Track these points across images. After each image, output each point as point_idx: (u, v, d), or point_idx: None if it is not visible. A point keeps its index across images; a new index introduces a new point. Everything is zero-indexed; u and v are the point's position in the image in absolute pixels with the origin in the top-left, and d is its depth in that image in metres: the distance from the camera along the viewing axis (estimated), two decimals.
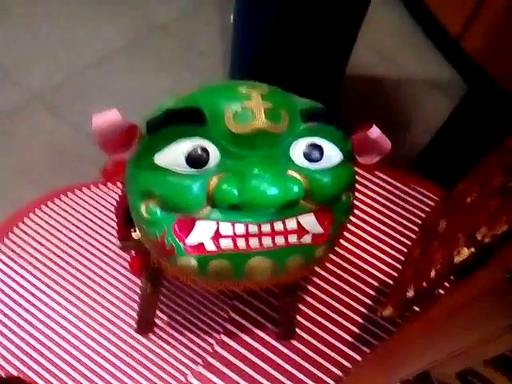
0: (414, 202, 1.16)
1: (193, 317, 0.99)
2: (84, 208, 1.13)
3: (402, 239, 1.10)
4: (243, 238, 0.61)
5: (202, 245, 0.61)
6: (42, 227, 1.09)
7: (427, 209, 1.10)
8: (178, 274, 0.70)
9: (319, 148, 0.62)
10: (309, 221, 0.63)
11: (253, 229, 0.61)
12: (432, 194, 1.16)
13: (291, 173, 0.60)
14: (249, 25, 1.15)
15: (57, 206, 1.13)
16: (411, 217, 1.15)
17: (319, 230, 0.64)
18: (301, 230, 0.63)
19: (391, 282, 1.02)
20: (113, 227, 1.10)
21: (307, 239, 0.63)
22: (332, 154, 0.63)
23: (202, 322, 0.98)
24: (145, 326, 0.93)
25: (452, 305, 0.47)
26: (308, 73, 1.16)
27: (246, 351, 0.96)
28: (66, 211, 1.12)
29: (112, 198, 1.15)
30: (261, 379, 0.94)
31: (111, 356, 0.94)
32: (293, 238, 0.63)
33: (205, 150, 0.59)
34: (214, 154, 0.59)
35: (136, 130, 0.60)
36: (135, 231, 0.69)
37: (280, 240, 0.62)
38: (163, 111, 0.60)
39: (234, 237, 0.61)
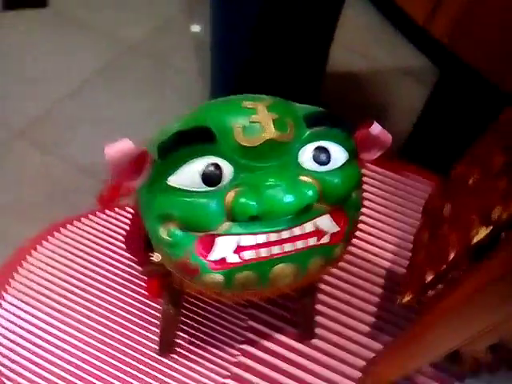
0: (410, 189, 1.20)
1: (212, 330, 0.99)
2: (85, 238, 1.12)
3: (405, 227, 1.15)
4: (265, 248, 0.63)
5: (225, 259, 0.62)
6: (46, 263, 1.08)
7: (424, 194, 1.14)
8: (204, 291, 0.71)
9: (326, 151, 0.64)
10: (325, 222, 0.65)
11: (273, 237, 0.62)
12: (426, 180, 1.21)
13: (303, 178, 0.62)
14: (226, 38, 1.17)
15: (58, 239, 1.11)
16: (410, 204, 1.19)
17: (336, 229, 0.66)
18: (319, 232, 0.64)
19: (400, 270, 1.06)
20: (119, 253, 1.10)
21: (326, 240, 0.65)
22: (338, 155, 0.65)
23: (221, 334, 0.99)
24: (167, 346, 0.93)
25: (480, 282, 0.49)
26: (290, 78, 1.19)
27: (269, 356, 0.97)
28: (68, 243, 1.11)
29: (112, 224, 1.15)
30: (288, 381, 0.95)
31: (136, 381, 0.93)
32: (312, 241, 0.64)
33: (218, 166, 0.60)
34: (227, 169, 0.61)
35: (147, 157, 0.61)
36: (154, 255, 0.70)
37: (300, 244, 0.64)
38: (173, 134, 0.61)
39: (257, 247, 0.62)
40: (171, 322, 0.86)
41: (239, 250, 0.62)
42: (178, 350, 0.97)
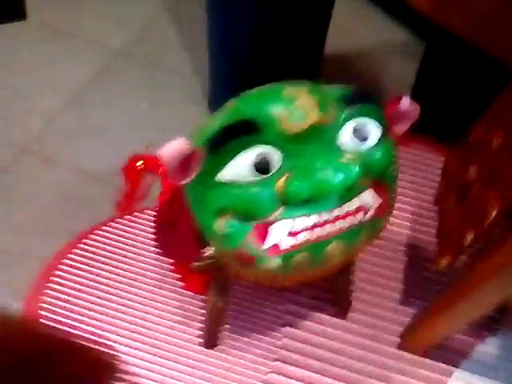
0: (420, 159, 1.24)
1: (252, 317, 1.02)
2: (110, 245, 1.13)
3: (421, 196, 1.19)
4: (318, 228, 0.65)
5: (280, 244, 0.65)
6: (77, 275, 1.08)
7: (432, 162, 1.19)
8: (259, 278, 0.73)
9: (365, 127, 0.67)
10: (369, 197, 0.68)
11: (325, 217, 0.65)
12: (432, 148, 1.25)
13: (348, 156, 0.64)
14: (225, 37, 1.18)
15: (83, 250, 1.11)
16: (424, 174, 1.23)
17: (379, 202, 0.69)
18: (364, 207, 0.67)
19: (422, 238, 1.10)
20: (146, 255, 1.11)
21: (371, 214, 0.68)
22: (375, 130, 0.67)
23: (262, 320, 1.02)
24: (213, 339, 0.95)
25: None
26: (290, 70, 1.20)
27: (311, 335, 1.01)
28: (94, 253, 1.11)
29: (135, 228, 1.16)
30: (332, 355, 0.99)
31: (188, 376, 0.95)
32: (360, 216, 0.67)
33: (266, 155, 0.62)
34: (276, 157, 0.63)
35: (199, 154, 0.62)
36: (206, 250, 0.71)
37: (350, 221, 0.67)
38: (219, 130, 0.62)
39: (310, 228, 0.65)
40: (218, 315, 0.88)
41: (293, 233, 0.65)
42: (224, 340, 0.99)
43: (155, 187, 1.22)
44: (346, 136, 0.66)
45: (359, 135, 0.66)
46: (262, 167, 0.62)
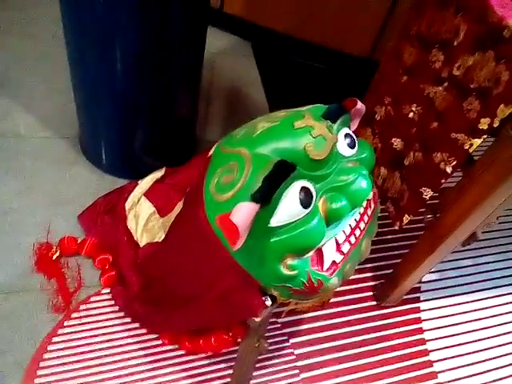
0: None
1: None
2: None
3: None
4: (352, 235, 0.72)
5: (334, 262, 0.69)
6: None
7: None
8: (317, 301, 0.75)
9: (350, 135, 0.74)
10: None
11: (353, 222, 0.72)
12: None
13: (354, 164, 0.71)
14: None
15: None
16: None
17: (374, 192, 0.79)
18: (370, 199, 0.76)
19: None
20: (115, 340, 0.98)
21: (373, 204, 0.78)
22: (353, 134, 0.76)
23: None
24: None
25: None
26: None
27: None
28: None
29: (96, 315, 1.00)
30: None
31: None
32: (371, 209, 0.77)
33: (306, 188, 0.65)
34: (312, 186, 0.66)
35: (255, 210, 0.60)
36: (267, 298, 0.70)
37: (367, 216, 0.75)
38: (263, 182, 0.61)
39: (348, 238, 0.71)
40: (255, 356, 0.86)
41: (338, 247, 0.70)
42: None
43: (85, 268, 1.07)
44: (342, 148, 0.72)
45: (351, 143, 0.73)
46: (308, 201, 0.65)
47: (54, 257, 1.06)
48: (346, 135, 0.73)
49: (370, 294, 1.16)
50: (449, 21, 0.84)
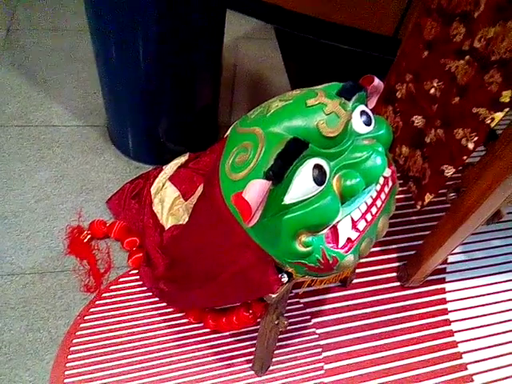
0: None
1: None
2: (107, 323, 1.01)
3: None
4: (368, 213, 0.72)
5: (349, 239, 0.70)
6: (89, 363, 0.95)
7: None
8: (331, 279, 0.76)
9: (366, 112, 0.74)
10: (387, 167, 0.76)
11: (369, 200, 0.72)
12: None
13: (370, 141, 0.71)
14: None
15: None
16: None
17: (392, 169, 0.78)
18: (387, 177, 0.75)
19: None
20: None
21: (392, 182, 0.77)
22: (369, 112, 0.75)
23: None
24: (268, 362, 0.95)
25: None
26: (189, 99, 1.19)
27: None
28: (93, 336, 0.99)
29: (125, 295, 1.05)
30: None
31: None
32: (388, 187, 0.76)
33: (319, 165, 0.65)
34: (326, 163, 0.66)
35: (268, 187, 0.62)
36: (283, 275, 0.72)
37: (384, 194, 0.75)
38: (275, 159, 0.62)
39: (364, 215, 0.71)
40: (276, 336, 0.88)
41: (354, 224, 0.70)
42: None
43: (114, 250, 1.12)
44: (356, 124, 0.72)
45: (367, 120, 0.73)
46: (321, 178, 0.65)
47: (86, 239, 1.11)
48: (362, 112, 0.73)
49: (394, 275, 1.16)
50: None
